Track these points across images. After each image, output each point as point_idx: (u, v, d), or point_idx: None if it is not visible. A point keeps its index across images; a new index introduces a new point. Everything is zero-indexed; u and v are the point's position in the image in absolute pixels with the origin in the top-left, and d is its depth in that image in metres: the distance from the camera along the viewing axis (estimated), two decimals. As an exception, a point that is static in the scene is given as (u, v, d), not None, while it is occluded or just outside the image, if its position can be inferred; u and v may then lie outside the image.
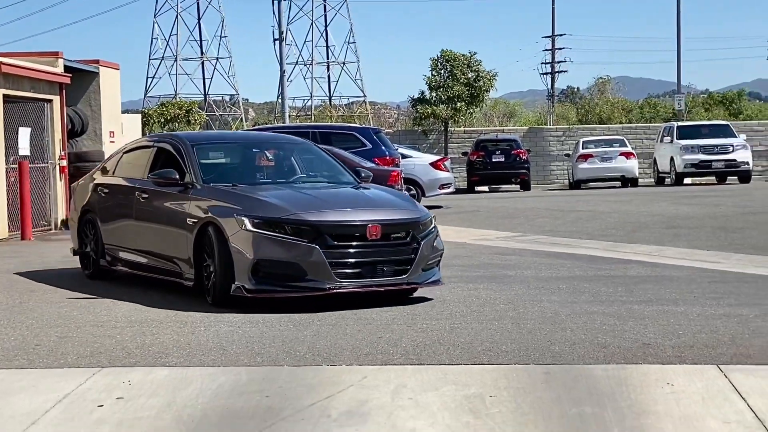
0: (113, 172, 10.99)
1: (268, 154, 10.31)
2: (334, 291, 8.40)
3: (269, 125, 31.93)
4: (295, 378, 6.02)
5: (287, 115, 51.25)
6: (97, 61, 21.50)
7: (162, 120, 36.12)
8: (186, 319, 8.27)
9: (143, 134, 30.24)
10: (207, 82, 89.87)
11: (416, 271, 8.73)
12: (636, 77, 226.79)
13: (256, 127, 24.25)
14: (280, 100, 55.13)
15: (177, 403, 5.51)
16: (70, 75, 19.49)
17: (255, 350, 6.88)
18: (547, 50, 77.48)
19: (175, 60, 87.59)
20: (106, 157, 18.41)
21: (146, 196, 9.99)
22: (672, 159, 31.71)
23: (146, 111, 38.76)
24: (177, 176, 9.51)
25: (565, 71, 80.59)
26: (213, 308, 8.67)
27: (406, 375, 6.04)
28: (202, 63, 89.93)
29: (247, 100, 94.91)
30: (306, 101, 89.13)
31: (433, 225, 9.08)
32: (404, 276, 8.67)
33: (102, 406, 5.49)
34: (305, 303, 8.64)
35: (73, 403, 5.56)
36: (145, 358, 6.71)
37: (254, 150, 10.47)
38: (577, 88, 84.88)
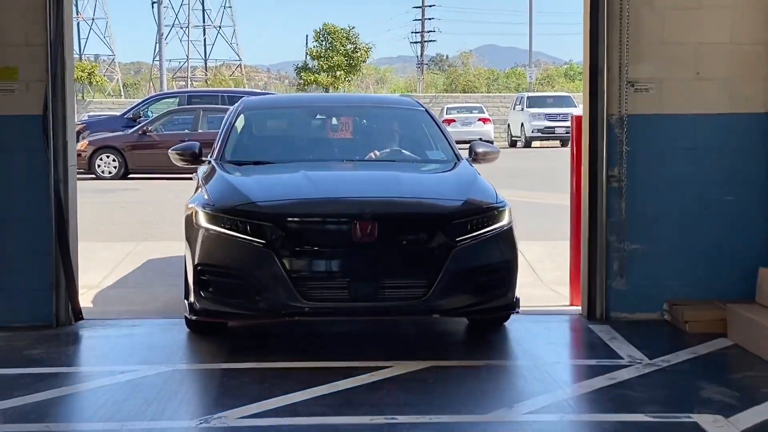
0: None
1: (334, 122, 7.98)
2: (296, 318, 6.01)
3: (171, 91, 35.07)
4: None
5: (165, 77, 54.09)
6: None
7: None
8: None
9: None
10: (82, 42, 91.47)
11: (443, 293, 5.97)
12: (505, 46, 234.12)
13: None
14: (157, 62, 57.84)
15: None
16: None
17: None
18: (417, 20, 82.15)
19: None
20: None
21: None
22: (522, 125, 36.57)
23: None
24: (196, 150, 7.27)
25: (434, 41, 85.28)
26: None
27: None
28: (78, 23, 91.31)
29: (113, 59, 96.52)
30: (182, 63, 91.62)
31: (492, 226, 6.35)
32: (421, 300, 5.95)
33: (149, 259, 9.44)
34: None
35: (137, 255, 9.57)
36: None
37: (318, 117, 8.14)
38: (446, 56, 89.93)
